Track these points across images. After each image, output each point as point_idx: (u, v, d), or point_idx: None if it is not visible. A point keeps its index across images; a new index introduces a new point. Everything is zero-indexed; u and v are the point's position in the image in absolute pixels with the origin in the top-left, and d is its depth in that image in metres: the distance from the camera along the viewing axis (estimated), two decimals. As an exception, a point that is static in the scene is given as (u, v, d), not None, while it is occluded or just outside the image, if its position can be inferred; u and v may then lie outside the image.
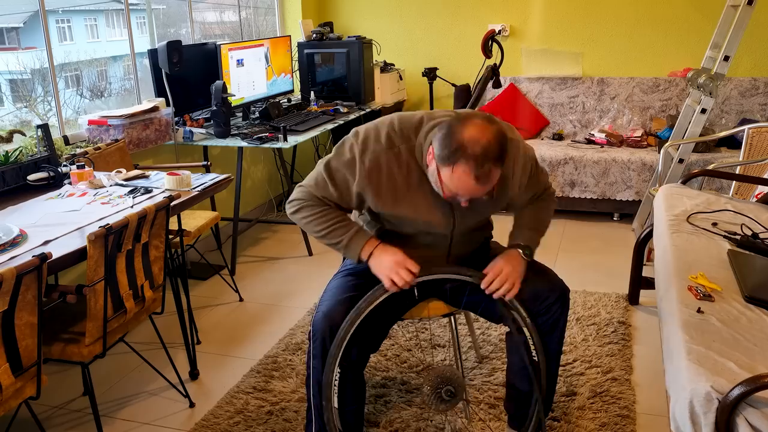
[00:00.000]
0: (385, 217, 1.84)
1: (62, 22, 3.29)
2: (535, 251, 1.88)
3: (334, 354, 1.75)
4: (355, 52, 4.37)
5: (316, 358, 1.79)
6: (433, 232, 1.83)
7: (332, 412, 1.79)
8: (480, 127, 1.57)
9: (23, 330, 1.67)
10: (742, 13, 3.31)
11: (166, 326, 3.01)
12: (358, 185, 1.72)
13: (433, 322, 2.92)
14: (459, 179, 1.57)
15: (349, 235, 1.78)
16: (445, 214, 1.78)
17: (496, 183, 1.62)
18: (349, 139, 1.77)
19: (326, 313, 1.78)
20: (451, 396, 1.78)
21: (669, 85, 4.51)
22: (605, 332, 2.78)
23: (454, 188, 1.60)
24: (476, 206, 1.77)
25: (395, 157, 1.71)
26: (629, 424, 2.19)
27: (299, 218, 1.83)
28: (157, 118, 3.30)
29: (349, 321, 1.74)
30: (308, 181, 1.82)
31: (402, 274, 1.72)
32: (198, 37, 4.08)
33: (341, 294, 1.83)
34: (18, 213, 2.20)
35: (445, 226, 1.81)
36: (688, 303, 1.79)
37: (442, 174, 1.61)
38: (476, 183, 1.57)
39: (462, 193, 1.61)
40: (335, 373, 1.76)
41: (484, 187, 1.59)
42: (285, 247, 4.00)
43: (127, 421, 2.32)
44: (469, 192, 1.60)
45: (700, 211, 2.58)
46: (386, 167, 1.71)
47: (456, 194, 1.63)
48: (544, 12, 4.76)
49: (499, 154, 1.56)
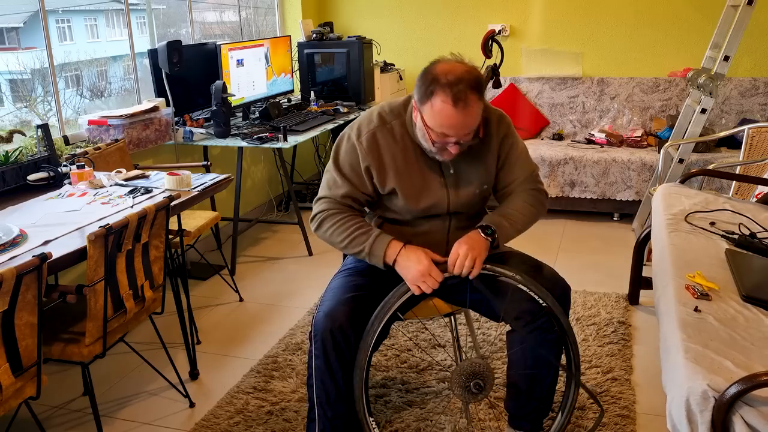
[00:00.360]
0: (386, 201, 1.88)
1: (62, 22, 3.29)
2: (502, 238, 1.84)
3: (360, 365, 1.76)
4: (355, 52, 4.37)
5: (318, 358, 1.79)
6: (430, 214, 1.87)
7: (368, 424, 1.81)
8: (451, 62, 1.69)
9: (23, 330, 1.67)
10: (742, 13, 3.31)
11: (166, 326, 3.01)
12: (363, 161, 1.81)
13: (433, 322, 2.92)
14: (439, 110, 1.65)
15: (370, 241, 1.80)
16: (440, 185, 1.85)
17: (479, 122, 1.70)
18: (343, 135, 1.87)
19: (327, 313, 1.78)
20: (479, 389, 1.79)
21: (669, 85, 4.51)
22: (605, 332, 2.78)
23: (438, 125, 1.67)
24: (465, 169, 1.84)
25: (389, 132, 1.81)
26: (629, 424, 2.19)
27: (322, 233, 1.87)
28: (157, 118, 3.30)
29: (373, 326, 1.76)
30: (321, 190, 1.89)
31: (429, 282, 1.75)
32: (198, 37, 4.09)
33: (343, 294, 1.83)
34: (18, 213, 2.20)
35: (440, 199, 1.85)
36: (686, 302, 1.79)
37: (425, 117, 1.69)
38: (455, 108, 1.63)
39: (446, 126, 1.66)
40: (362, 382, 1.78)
41: (464, 113, 1.64)
42: (285, 247, 4.00)
43: (127, 421, 2.32)
44: (451, 122, 1.65)
45: (698, 211, 2.58)
46: (383, 142, 1.81)
47: (442, 134, 1.68)
48: (544, 12, 4.76)
49: (474, 81, 1.65)
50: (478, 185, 1.89)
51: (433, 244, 1.88)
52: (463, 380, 1.80)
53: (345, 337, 1.76)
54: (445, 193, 1.86)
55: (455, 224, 1.92)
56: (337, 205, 1.85)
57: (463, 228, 1.92)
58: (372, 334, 1.76)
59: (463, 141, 1.72)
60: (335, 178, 1.84)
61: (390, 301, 1.77)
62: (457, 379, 1.81)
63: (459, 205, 1.89)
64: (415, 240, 1.84)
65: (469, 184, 1.88)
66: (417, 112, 1.73)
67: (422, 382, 2.47)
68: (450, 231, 1.93)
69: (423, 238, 1.88)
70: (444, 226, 1.92)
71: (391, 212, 1.92)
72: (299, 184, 4.95)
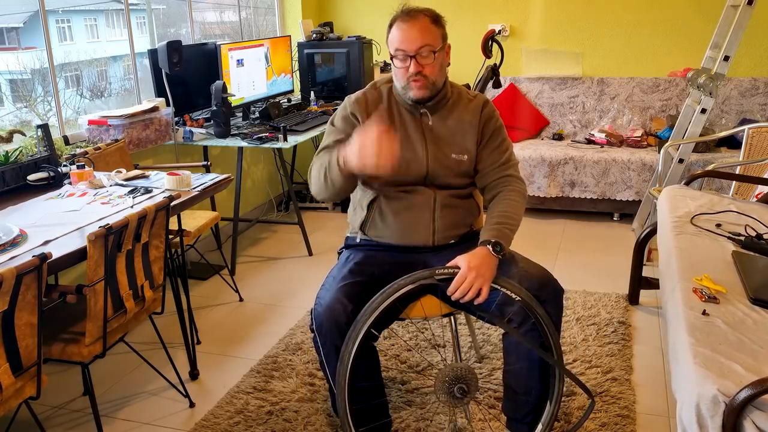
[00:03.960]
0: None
1: (62, 22, 3.29)
2: (507, 246, 1.84)
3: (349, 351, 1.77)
4: (355, 52, 4.37)
5: (324, 346, 1.84)
6: (412, 178, 1.97)
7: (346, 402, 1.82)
8: None
9: (23, 330, 1.67)
10: (742, 13, 3.31)
11: (166, 326, 3.01)
12: (350, 108, 2.01)
13: (433, 322, 2.92)
14: (394, 31, 1.90)
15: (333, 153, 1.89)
16: (419, 141, 1.97)
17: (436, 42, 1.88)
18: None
19: (326, 304, 1.83)
20: (463, 394, 1.79)
21: (669, 85, 4.51)
22: (605, 332, 2.78)
23: (394, 45, 1.89)
24: (444, 130, 1.98)
25: (377, 92, 2.03)
26: (629, 424, 2.19)
27: (310, 177, 1.99)
28: (157, 118, 3.30)
29: (365, 315, 1.76)
30: (318, 150, 2.05)
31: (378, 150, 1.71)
32: (198, 37, 4.08)
33: (340, 282, 1.88)
34: (18, 213, 2.20)
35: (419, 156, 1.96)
36: (693, 305, 1.78)
37: (389, 48, 1.92)
38: (404, 23, 1.87)
39: (399, 40, 1.87)
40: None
41: (413, 25, 1.86)
42: (285, 247, 4.00)
43: (127, 421, 2.32)
44: (402, 35, 1.87)
45: (703, 213, 2.57)
46: (371, 99, 2.02)
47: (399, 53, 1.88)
48: (544, 12, 4.76)
49: (428, 9, 1.91)
50: (456, 150, 1.98)
51: (420, 220, 1.97)
52: (447, 386, 1.80)
53: (347, 322, 1.79)
54: (423, 144, 1.97)
55: (441, 200, 1.99)
56: (325, 150, 2.00)
57: (449, 206, 2.00)
58: (354, 338, 1.77)
59: (421, 60, 1.87)
60: (329, 130, 2.04)
61: (374, 304, 1.77)
62: (440, 385, 1.81)
63: (436, 162, 1.96)
64: (402, 214, 1.98)
65: (446, 144, 1.99)
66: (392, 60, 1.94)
67: (422, 382, 2.47)
68: (436, 208, 1.99)
69: (411, 214, 1.98)
70: (429, 201, 1.98)
71: (378, 179, 1.96)
72: (299, 184, 4.95)
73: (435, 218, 1.99)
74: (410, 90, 1.92)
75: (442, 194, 1.99)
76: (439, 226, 2.00)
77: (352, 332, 1.77)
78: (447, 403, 1.84)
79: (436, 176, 1.98)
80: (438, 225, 2.00)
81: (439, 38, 1.90)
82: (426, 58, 1.88)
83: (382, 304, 1.77)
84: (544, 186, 4.26)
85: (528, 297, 1.77)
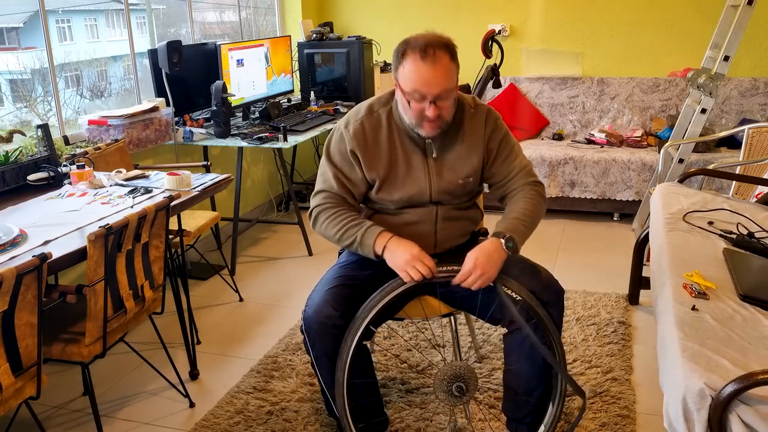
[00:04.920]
0: (374, 189, 1.92)
1: (62, 22, 3.29)
2: (520, 243, 1.82)
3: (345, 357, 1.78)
4: (355, 52, 4.37)
5: (314, 348, 1.84)
6: (415, 202, 1.91)
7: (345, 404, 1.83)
8: (422, 33, 1.77)
9: (23, 330, 1.67)
10: (742, 13, 3.31)
11: (166, 326, 3.01)
12: (349, 146, 1.88)
13: (433, 321, 2.92)
14: (410, 69, 1.72)
15: (361, 231, 1.83)
16: (423, 169, 1.89)
17: (453, 84, 1.75)
18: (334, 128, 1.95)
19: (314, 307, 1.83)
20: (461, 392, 1.79)
21: (669, 85, 4.51)
22: (605, 332, 2.78)
23: (411, 82, 1.72)
24: (448, 155, 1.89)
25: (376, 120, 1.89)
26: (629, 424, 2.19)
27: (318, 227, 1.93)
28: (157, 118, 3.30)
29: (364, 312, 1.77)
30: (317, 185, 1.96)
31: (418, 267, 1.74)
32: (198, 37, 4.08)
33: (330, 285, 1.87)
34: (18, 213, 2.20)
35: (423, 184, 1.88)
36: (683, 300, 1.79)
37: (401, 83, 1.76)
38: (424, 62, 1.70)
39: (418, 82, 1.71)
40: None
41: (434, 68, 1.70)
42: (285, 247, 4.00)
43: (127, 421, 2.32)
44: (422, 77, 1.71)
45: (696, 210, 2.58)
46: (370, 129, 1.88)
47: (416, 94, 1.73)
48: (544, 12, 4.76)
49: (444, 41, 1.74)
50: (462, 175, 1.91)
51: (421, 234, 1.91)
52: (445, 384, 1.80)
53: (334, 326, 1.79)
54: (427, 177, 1.89)
55: (442, 214, 1.94)
56: (332, 199, 1.91)
57: (450, 219, 1.95)
58: (353, 333, 1.77)
59: (440, 103, 1.75)
60: (327, 170, 1.92)
61: (372, 302, 1.78)
62: (438, 383, 1.81)
63: (441, 192, 1.91)
64: (403, 230, 1.88)
65: (451, 171, 1.90)
66: (397, 88, 1.81)
67: (422, 382, 2.47)
68: (437, 221, 1.95)
69: (411, 228, 1.92)
70: (431, 216, 1.94)
71: (379, 203, 1.95)
72: (299, 184, 4.95)
73: (437, 230, 1.95)
74: (422, 128, 1.82)
75: (444, 209, 1.95)
76: (441, 238, 1.97)
77: (352, 328, 1.77)
78: (446, 402, 1.84)
79: (440, 200, 1.94)
80: (440, 237, 1.97)
81: (456, 75, 1.78)
82: (445, 100, 1.77)
83: (381, 301, 1.77)
84: (544, 186, 4.26)
85: (529, 297, 1.77)
